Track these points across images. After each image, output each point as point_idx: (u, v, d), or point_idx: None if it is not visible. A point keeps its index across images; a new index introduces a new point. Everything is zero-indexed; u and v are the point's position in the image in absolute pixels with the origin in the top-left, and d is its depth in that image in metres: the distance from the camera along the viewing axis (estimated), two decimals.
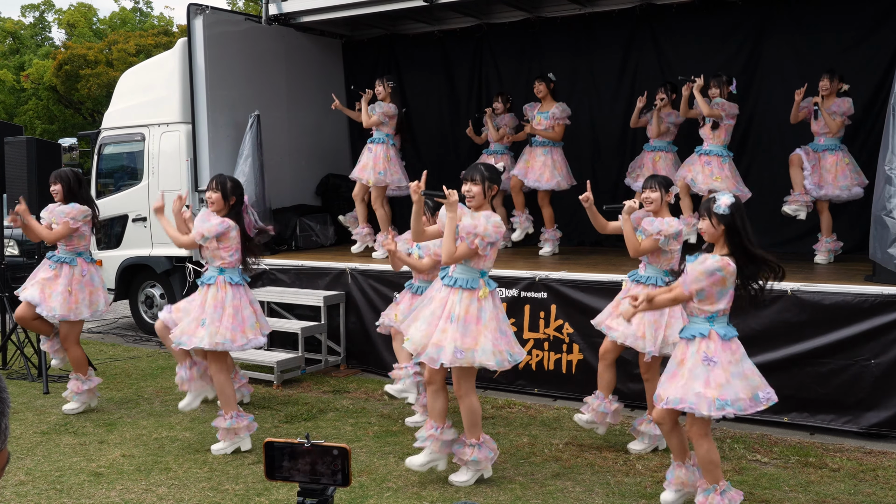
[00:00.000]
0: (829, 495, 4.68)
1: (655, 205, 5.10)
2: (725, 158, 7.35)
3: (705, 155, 7.35)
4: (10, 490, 4.90)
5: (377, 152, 8.43)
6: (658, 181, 5.17)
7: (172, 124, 9.45)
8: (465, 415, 4.89)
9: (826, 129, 7.22)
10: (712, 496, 4.18)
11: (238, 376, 6.51)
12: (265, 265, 8.47)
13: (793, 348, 5.86)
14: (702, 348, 4.10)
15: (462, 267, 4.79)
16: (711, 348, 4.09)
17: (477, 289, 4.75)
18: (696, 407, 4.03)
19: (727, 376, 4.05)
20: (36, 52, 36.82)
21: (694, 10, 8.62)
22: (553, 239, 8.46)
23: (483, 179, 4.80)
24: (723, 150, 7.34)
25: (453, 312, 4.72)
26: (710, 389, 4.01)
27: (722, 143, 7.34)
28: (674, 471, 4.48)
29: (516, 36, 9.71)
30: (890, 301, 5.59)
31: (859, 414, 5.69)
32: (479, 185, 4.79)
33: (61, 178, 6.52)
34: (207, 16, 8.86)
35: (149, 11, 40.84)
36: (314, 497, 2.17)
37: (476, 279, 4.77)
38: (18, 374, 7.84)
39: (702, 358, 4.08)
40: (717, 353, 4.08)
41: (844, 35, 7.99)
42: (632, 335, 5.15)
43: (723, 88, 7.31)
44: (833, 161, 7.20)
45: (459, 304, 4.72)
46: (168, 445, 5.71)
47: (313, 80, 10.25)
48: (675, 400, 4.10)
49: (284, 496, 4.72)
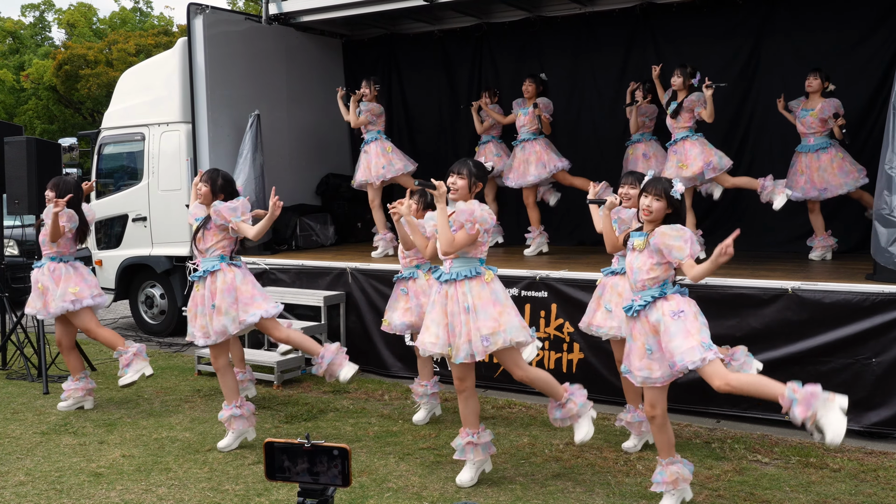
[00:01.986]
0: (830, 496, 4.67)
1: (634, 201, 5.00)
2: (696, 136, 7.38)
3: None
4: (10, 490, 4.90)
5: (372, 151, 8.52)
6: (636, 177, 5.05)
7: (172, 124, 9.45)
8: (541, 386, 4.93)
9: (813, 129, 7.22)
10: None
11: (247, 370, 6.60)
12: (265, 265, 8.47)
13: (793, 347, 5.85)
14: (667, 308, 4.19)
15: (460, 260, 4.76)
16: (675, 305, 4.21)
17: (482, 275, 4.76)
18: (691, 360, 4.08)
19: (698, 324, 4.18)
20: (36, 51, 36.83)
21: (694, 10, 8.62)
22: (538, 239, 8.42)
23: (469, 174, 4.81)
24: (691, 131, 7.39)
25: (466, 303, 4.69)
26: (692, 336, 4.12)
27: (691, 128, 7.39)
28: (665, 470, 4.41)
29: (516, 35, 9.71)
30: (891, 300, 5.58)
31: (860, 413, 5.68)
32: (465, 179, 4.79)
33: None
34: (207, 15, 8.86)
35: (149, 11, 40.85)
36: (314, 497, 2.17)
37: (477, 267, 4.78)
38: (18, 374, 7.84)
39: (671, 316, 4.17)
40: (681, 304, 4.21)
41: (844, 35, 7.98)
42: (618, 327, 5.15)
43: (685, 80, 7.33)
44: (828, 159, 7.20)
45: (470, 294, 4.71)
46: (168, 446, 5.71)
47: (313, 80, 10.25)
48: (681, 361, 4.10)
49: (285, 496, 4.71)
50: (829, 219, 7.55)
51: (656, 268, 4.25)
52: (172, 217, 9.30)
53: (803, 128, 7.31)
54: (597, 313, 5.35)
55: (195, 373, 7.84)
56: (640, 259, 4.30)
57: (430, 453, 5.47)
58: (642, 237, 4.31)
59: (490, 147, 8.94)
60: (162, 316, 9.84)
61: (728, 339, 5.72)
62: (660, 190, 4.24)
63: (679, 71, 7.39)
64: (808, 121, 7.25)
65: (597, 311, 5.35)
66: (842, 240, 7.59)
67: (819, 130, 7.22)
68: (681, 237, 4.17)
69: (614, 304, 5.18)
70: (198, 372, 7.84)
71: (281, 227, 9.52)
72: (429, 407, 6.18)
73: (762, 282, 6.06)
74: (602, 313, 5.30)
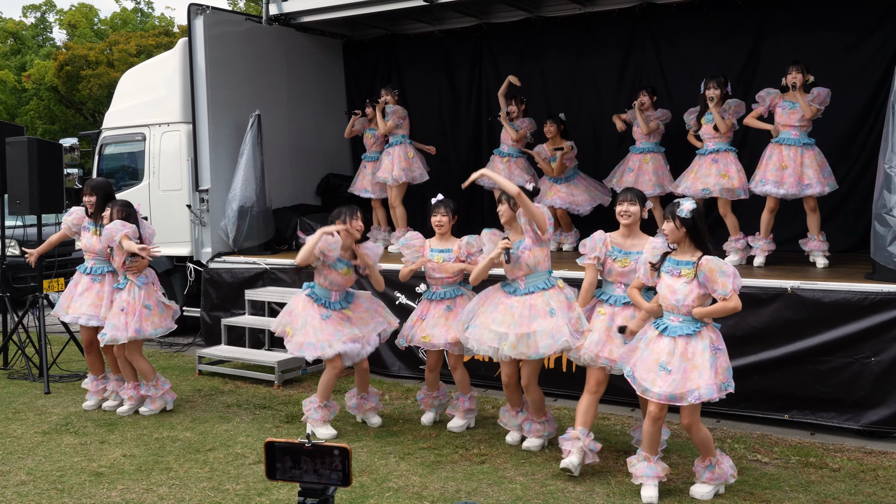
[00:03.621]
0: (830, 495, 4.67)
1: (634, 218, 4.97)
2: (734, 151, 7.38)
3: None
4: (11, 490, 4.91)
5: (395, 153, 8.79)
6: (636, 194, 5.05)
7: (173, 124, 9.45)
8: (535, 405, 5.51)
9: (801, 122, 6.88)
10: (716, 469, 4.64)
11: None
12: (265, 265, 8.48)
13: (793, 346, 5.86)
14: (710, 342, 4.47)
15: (534, 275, 5.21)
16: (714, 338, 4.51)
17: (556, 285, 5.25)
18: (711, 395, 4.39)
19: (727, 364, 4.53)
20: (37, 52, 36.84)
21: (694, 10, 8.62)
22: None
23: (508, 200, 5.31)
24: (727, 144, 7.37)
25: (550, 308, 5.11)
26: (718, 376, 4.42)
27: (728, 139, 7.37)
28: (656, 466, 4.64)
29: (516, 36, 9.71)
30: (890, 299, 5.59)
31: (859, 412, 5.70)
32: (504, 204, 5.30)
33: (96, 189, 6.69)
34: (208, 16, 8.87)
35: (150, 12, 40.86)
36: (315, 497, 2.18)
37: (551, 278, 5.29)
38: (20, 374, 7.85)
39: (711, 349, 4.45)
40: (719, 341, 4.53)
41: (845, 35, 7.98)
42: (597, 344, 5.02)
43: (721, 90, 7.25)
44: (811, 156, 6.89)
45: (553, 299, 5.16)
46: (169, 445, 5.72)
47: (314, 80, 10.26)
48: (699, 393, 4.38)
49: (285, 496, 4.72)
50: (825, 218, 7.35)
51: (702, 297, 4.48)
52: (173, 217, 9.31)
53: (790, 119, 6.92)
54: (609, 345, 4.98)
55: (196, 373, 7.85)
56: (688, 286, 4.48)
57: (430, 453, 5.47)
58: (689, 266, 4.48)
59: (521, 163, 8.89)
60: None
61: (728, 338, 5.70)
62: (668, 213, 4.56)
63: (714, 83, 7.24)
64: (798, 113, 6.91)
65: (608, 342, 4.99)
66: (841, 239, 7.58)
67: (806, 120, 6.91)
68: (725, 273, 4.40)
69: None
70: (198, 372, 7.85)
71: (281, 227, 9.53)
72: (437, 409, 6.16)
73: (762, 281, 6.07)
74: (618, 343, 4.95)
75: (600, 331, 5.00)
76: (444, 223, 5.77)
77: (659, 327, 4.59)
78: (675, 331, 4.50)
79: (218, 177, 9.01)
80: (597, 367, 5.00)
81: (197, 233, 9.14)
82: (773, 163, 6.94)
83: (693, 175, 7.34)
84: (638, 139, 8.16)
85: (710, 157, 7.29)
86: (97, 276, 6.63)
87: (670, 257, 4.59)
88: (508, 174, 8.47)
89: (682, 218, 4.47)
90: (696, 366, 4.42)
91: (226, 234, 8.96)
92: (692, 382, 4.39)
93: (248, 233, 8.93)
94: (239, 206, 8.84)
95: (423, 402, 6.15)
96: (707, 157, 7.31)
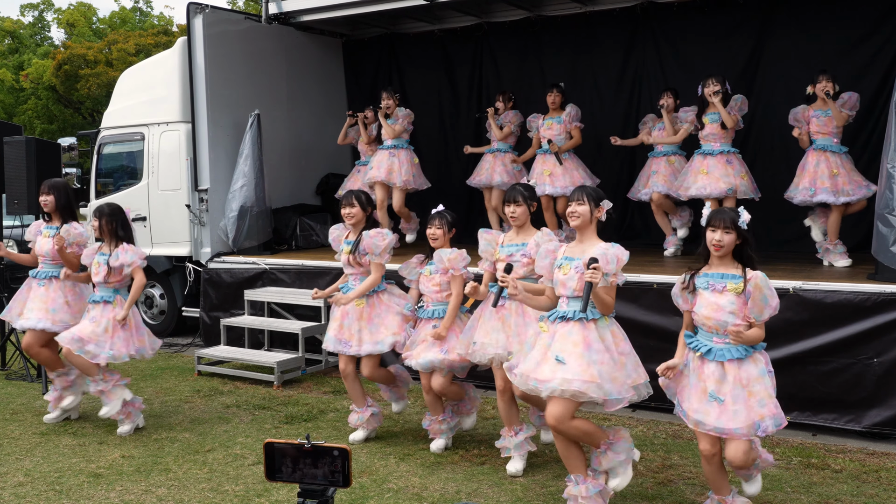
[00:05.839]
0: (832, 497, 4.66)
1: (583, 220, 4.37)
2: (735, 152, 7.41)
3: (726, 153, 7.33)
4: (9, 491, 4.89)
5: (403, 157, 8.76)
6: (587, 192, 4.43)
7: (172, 123, 9.43)
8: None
9: (836, 129, 6.84)
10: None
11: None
12: (265, 265, 8.47)
13: (795, 347, 5.84)
14: (762, 365, 4.02)
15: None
16: (766, 361, 4.07)
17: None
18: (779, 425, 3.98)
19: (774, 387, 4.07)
20: (35, 51, 36.87)
21: (695, 9, 8.61)
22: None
23: (525, 199, 5.01)
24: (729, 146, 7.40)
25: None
26: (772, 400, 4.01)
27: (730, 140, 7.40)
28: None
29: (517, 35, 9.70)
30: (893, 300, 5.57)
31: (861, 413, 5.67)
32: (522, 206, 5.01)
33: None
34: (207, 15, 8.85)
35: (148, 11, 40.93)
36: (314, 498, 2.17)
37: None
38: (18, 375, 7.83)
39: (766, 374, 4.02)
40: (768, 363, 4.07)
41: (845, 34, 7.97)
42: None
43: (722, 87, 7.23)
44: (837, 163, 6.87)
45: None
46: (168, 446, 5.70)
47: (313, 80, 10.25)
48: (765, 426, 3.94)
49: (285, 497, 4.70)
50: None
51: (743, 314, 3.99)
52: (172, 217, 9.30)
53: (830, 127, 6.87)
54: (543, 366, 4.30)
55: (195, 373, 7.83)
56: (735, 303, 3.97)
57: (430, 454, 5.46)
58: (737, 280, 3.98)
59: (509, 157, 8.80)
60: (162, 316, 9.82)
61: None
62: (728, 222, 4.00)
63: (714, 80, 7.20)
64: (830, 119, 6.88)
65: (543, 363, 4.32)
66: (843, 240, 7.55)
67: (838, 131, 6.90)
68: (769, 301, 3.96)
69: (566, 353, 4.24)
70: (198, 372, 7.83)
71: (281, 227, 9.51)
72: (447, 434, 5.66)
73: None
74: (551, 365, 4.26)
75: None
76: (439, 236, 5.44)
77: (699, 349, 4.06)
78: (724, 354, 3.98)
79: (217, 176, 8.99)
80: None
81: (196, 233, 9.11)
82: (820, 171, 6.89)
83: (704, 175, 7.26)
84: (659, 144, 7.97)
85: (722, 157, 7.29)
86: (42, 280, 6.38)
87: (709, 272, 4.07)
88: (496, 169, 8.65)
89: (742, 229, 4.00)
90: (753, 393, 3.95)
91: (225, 234, 8.94)
92: (754, 413, 3.92)
93: (248, 233, 8.91)
94: (238, 205, 8.82)
95: (431, 430, 5.66)
96: (720, 158, 7.30)
